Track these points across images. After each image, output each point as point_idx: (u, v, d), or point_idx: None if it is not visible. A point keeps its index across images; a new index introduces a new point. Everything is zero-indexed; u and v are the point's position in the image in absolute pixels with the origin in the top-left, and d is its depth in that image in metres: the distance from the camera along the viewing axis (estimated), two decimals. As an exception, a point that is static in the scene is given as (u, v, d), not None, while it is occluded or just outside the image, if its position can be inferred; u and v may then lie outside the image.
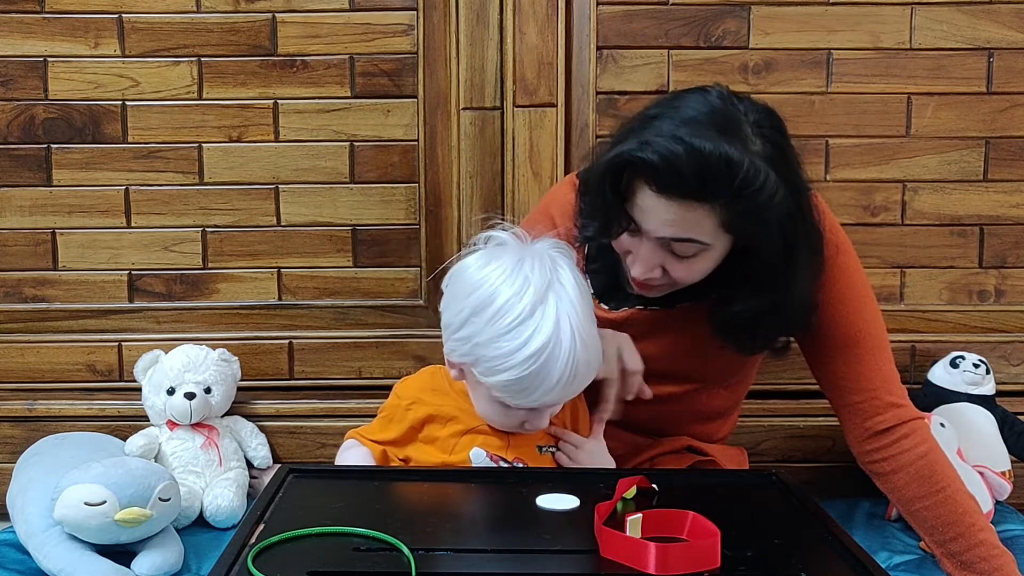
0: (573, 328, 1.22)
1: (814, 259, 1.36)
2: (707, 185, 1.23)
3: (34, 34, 1.91)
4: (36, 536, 1.59)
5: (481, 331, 1.23)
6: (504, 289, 1.22)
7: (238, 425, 1.91)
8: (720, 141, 1.22)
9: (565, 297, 1.23)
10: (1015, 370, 1.99)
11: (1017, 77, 1.93)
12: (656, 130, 1.25)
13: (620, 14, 1.90)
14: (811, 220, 1.35)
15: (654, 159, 1.23)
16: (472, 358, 1.26)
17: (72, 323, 1.98)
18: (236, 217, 1.97)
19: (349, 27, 1.92)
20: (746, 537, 1.07)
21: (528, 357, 1.20)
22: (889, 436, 1.43)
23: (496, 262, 1.26)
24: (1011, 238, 1.97)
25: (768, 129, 1.28)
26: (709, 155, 1.21)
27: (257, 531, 1.08)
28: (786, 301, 1.35)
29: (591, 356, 1.25)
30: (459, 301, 1.27)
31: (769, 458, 1.93)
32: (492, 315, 1.22)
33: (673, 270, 1.33)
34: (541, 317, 1.21)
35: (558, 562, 1.04)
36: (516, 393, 1.24)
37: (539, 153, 1.90)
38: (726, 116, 1.26)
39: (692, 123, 1.24)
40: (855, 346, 1.44)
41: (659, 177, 1.24)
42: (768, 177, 1.23)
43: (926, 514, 1.42)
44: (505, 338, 1.21)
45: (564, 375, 1.22)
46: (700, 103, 1.28)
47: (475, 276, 1.26)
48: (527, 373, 1.21)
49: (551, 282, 1.23)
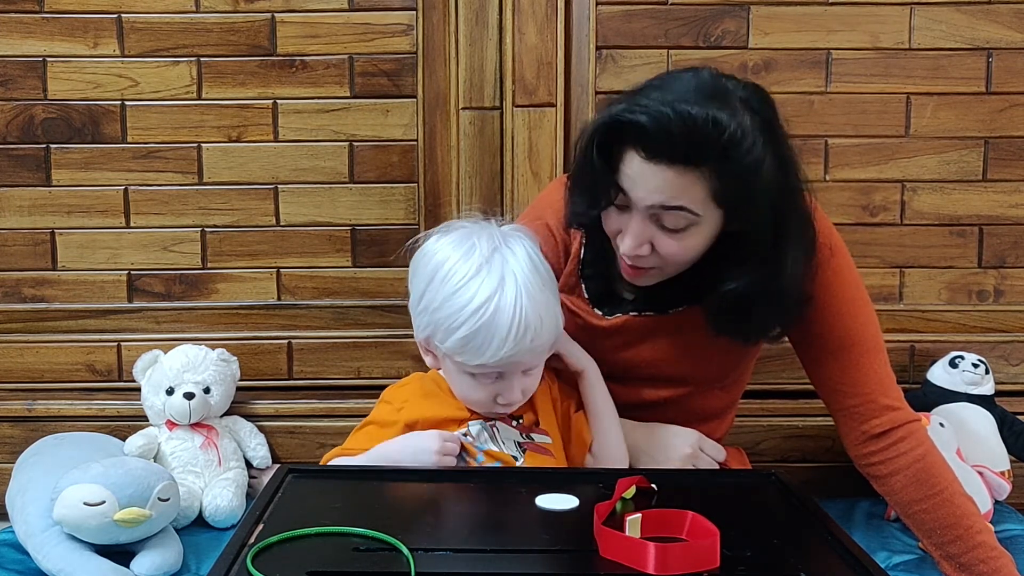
0: (518, 282, 1.28)
1: (805, 245, 1.36)
2: (695, 147, 1.24)
3: (33, 34, 1.91)
4: (35, 536, 1.59)
5: (435, 296, 1.30)
6: (452, 254, 1.31)
7: (237, 425, 1.91)
8: (709, 106, 1.24)
9: (511, 258, 1.30)
10: (1014, 370, 1.99)
11: (1016, 77, 1.93)
12: (645, 96, 1.28)
13: (619, 14, 1.90)
14: (802, 203, 1.35)
15: (643, 119, 1.24)
16: (432, 327, 1.32)
17: (71, 323, 1.98)
18: (235, 217, 1.97)
19: (348, 27, 1.92)
20: (745, 537, 1.07)
21: (475, 311, 1.26)
22: (886, 439, 1.43)
23: (447, 236, 1.35)
24: (1010, 238, 1.97)
25: (757, 104, 1.29)
26: (697, 116, 1.23)
27: (256, 531, 1.08)
28: (778, 280, 1.34)
29: (541, 311, 1.29)
30: (417, 278, 1.35)
31: (768, 458, 1.93)
32: (442, 278, 1.30)
33: (663, 246, 1.32)
34: (487, 274, 1.28)
35: (557, 562, 1.04)
36: (472, 352, 1.28)
37: (538, 153, 1.90)
38: (716, 88, 1.28)
39: (682, 92, 1.26)
40: (850, 349, 1.43)
41: (648, 139, 1.25)
42: (756, 141, 1.25)
43: (924, 516, 1.42)
44: (454, 296, 1.28)
45: (513, 327, 1.26)
46: (691, 78, 1.30)
47: (429, 250, 1.35)
48: (477, 327, 1.26)
49: (498, 247, 1.31)
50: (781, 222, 1.31)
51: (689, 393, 1.53)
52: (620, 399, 1.52)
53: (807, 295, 1.40)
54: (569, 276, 1.51)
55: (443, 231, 1.36)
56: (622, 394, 1.52)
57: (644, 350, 1.48)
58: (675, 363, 1.49)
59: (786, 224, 1.32)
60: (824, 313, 1.42)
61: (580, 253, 1.50)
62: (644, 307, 1.47)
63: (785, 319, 1.43)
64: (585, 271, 1.50)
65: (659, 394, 1.52)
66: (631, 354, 1.49)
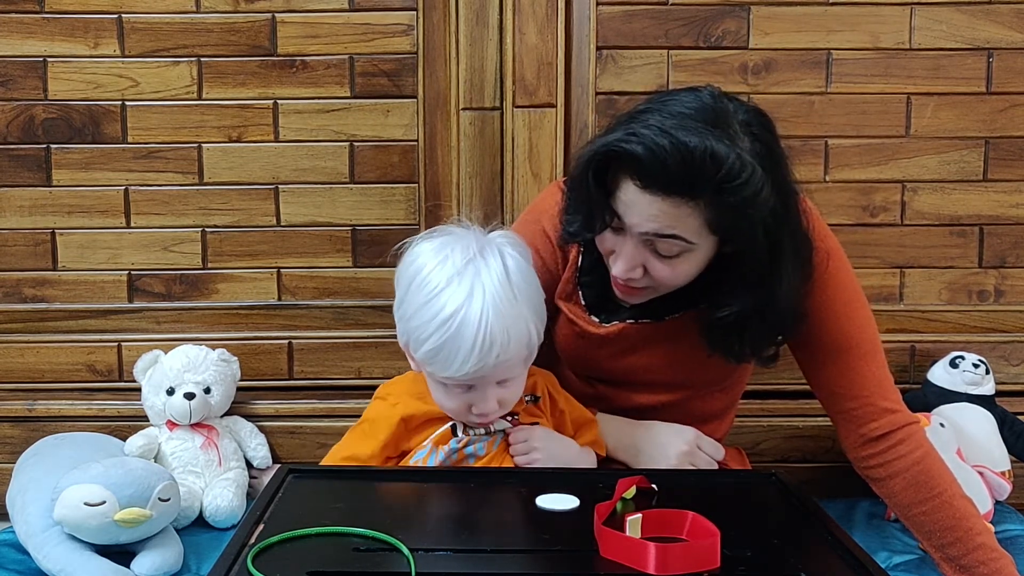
0: (486, 296, 1.27)
1: (801, 263, 1.35)
2: (691, 179, 1.22)
3: (34, 34, 1.91)
4: (36, 536, 1.59)
5: (409, 305, 1.31)
6: (429, 262, 1.31)
7: (238, 425, 1.91)
8: (707, 135, 1.21)
9: (484, 271, 1.29)
10: (1015, 370, 1.99)
11: (1017, 77, 1.93)
12: (643, 123, 1.25)
13: (620, 14, 1.90)
14: (798, 223, 1.34)
15: (639, 151, 1.22)
16: (407, 335, 1.32)
17: (72, 323, 1.97)
18: (236, 217, 1.97)
19: (349, 27, 1.92)
20: (745, 537, 1.07)
21: (442, 323, 1.26)
22: (885, 442, 1.42)
23: (430, 242, 1.35)
24: (1011, 238, 1.97)
25: (757, 128, 1.27)
26: (694, 149, 1.20)
27: (257, 531, 1.08)
28: (772, 305, 1.34)
29: (509, 326, 1.27)
30: (399, 282, 1.35)
31: (769, 458, 1.93)
32: (417, 287, 1.30)
33: (655, 270, 1.32)
34: (457, 286, 1.27)
35: (557, 562, 1.04)
36: (441, 363, 1.28)
37: (538, 153, 1.90)
38: (715, 112, 1.25)
39: (680, 117, 1.24)
40: (847, 352, 1.43)
41: (643, 169, 1.23)
42: (754, 173, 1.23)
43: (924, 519, 1.41)
44: (424, 307, 1.28)
45: (478, 341, 1.25)
46: (690, 100, 1.27)
47: (412, 254, 1.35)
48: (443, 340, 1.26)
49: (472, 258, 1.30)
50: (777, 246, 1.30)
51: (688, 396, 1.53)
52: (618, 404, 1.52)
53: (802, 313, 1.39)
54: (567, 283, 1.51)
55: (427, 236, 1.36)
56: (620, 399, 1.52)
57: (642, 357, 1.48)
58: (673, 369, 1.49)
59: (782, 248, 1.31)
60: (821, 317, 1.42)
61: (578, 260, 1.49)
62: (641, 315, 1.47)
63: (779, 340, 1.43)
64: (583, 278, 1.50)
65: (658, 398, 1.52)
66: (629, 361, 1.49)
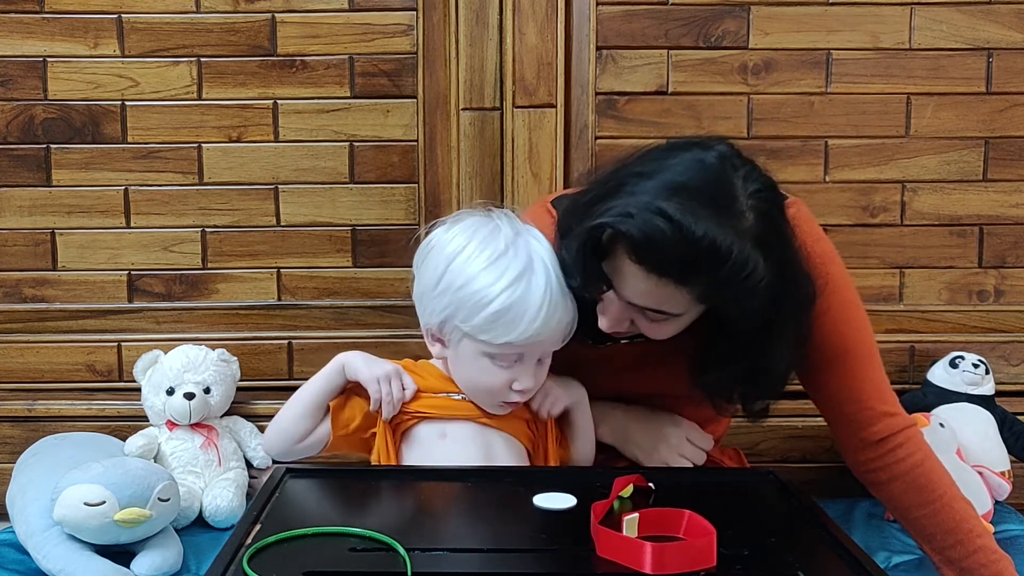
0: (546, 264, 1.30)
1: (799, 327, 1.31)
2: (689, 268, 1.18)
3: (33, 34, 1.91)
4: (36, 536, 1.59)
5: (458, 276, 1.30)
6: (475, 236, 1.32)
7: (237, 425, 1.91)
8: (710, 223, 1.15)
9: (535, 243, 1.33)
10: (1014, 370, 1.98)
11: (1017, 77, 1.93)
12: (641, 195, 1.19)
13: (620, 14, 1.90)
14: (799, 289, 1.29)
15: (636, 235, 1.17)
16: (453, 308, 1.31)
17: (72, 323, 1.98)
18: (236, 217, 1.97)
19: (349, 27, 1.92)
20: (742, 536, 1.07)
21: (507, 287, 1.27)
22: (883, 446, 1.41)
23: (460, 223, 1.35)
24: (1011, 238, 1.97)
25: (764, 202, 1.21)
26: (697, 241, 1.14)
27: (253, 531, 1.08)
28: (763, 369, 1.32)
29: (565, 293, 1.31)
30: (432, 263, 1.34)
31: (768, 458, 1.93)
32: (467, 258, 1.30)
33: (642, 327, 1.30)
34: (514, 255, 1.30)
35: (554, 561, 1.04)
36: (504, 327, 1.28)
37: (538, 154, 1.90)
38: (720, 186, 1.19)
39: (681, 191, 1.17)
40: (844, 357, 1.41)
41: (639, 252, 1.19)
42: (757, 266, 1.17)
43: (924, 522, 1.40)
44: (483, 272, 1.29)
45: (545, 302, 1.28)
46: (694, 166, 1.21)
47: (444, 237, 1.34)
48: (511, 302, 1.27)
49: (520, 232, 1.33)
50: (774, 317, 1.26)
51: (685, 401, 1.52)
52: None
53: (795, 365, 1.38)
54: None
55: (452, 220, 1.37)
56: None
57: (640, 374, 1.47)
58: (669, 381, 1.46)
59: (781, 319, 1.28)
60: (817, 322, 1.38)
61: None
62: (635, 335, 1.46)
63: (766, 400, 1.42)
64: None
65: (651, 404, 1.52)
66: (625, 380, 1.48)
